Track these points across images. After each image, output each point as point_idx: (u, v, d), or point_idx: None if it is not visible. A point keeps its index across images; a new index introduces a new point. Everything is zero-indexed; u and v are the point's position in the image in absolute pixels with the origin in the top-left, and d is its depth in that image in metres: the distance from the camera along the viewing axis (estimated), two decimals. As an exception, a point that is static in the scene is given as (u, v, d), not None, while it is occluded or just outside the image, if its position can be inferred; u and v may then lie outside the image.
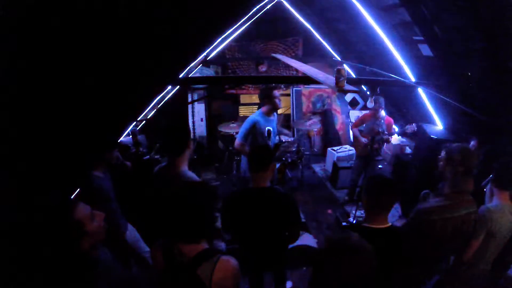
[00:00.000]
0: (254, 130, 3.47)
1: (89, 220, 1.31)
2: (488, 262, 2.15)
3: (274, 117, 3.72)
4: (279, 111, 6.77)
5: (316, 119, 5.29)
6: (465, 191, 2.01)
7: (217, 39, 4.41)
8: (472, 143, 3.24)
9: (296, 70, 4.38)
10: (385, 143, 4.62)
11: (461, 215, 1.96)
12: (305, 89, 6.80)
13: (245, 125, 3.51)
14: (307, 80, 3.32)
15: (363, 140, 4.46)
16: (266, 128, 3.72)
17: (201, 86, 6.19)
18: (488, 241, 2.07)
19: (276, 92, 3.58)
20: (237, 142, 3.52)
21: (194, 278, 1.28)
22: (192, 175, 2.16)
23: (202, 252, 1.39)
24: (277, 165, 3.76)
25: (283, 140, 5.13)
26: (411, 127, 4.16)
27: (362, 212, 3.84)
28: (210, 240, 1.49)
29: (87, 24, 1.32)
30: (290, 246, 3.18)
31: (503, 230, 2.06)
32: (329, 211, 4.70)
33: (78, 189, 1.87)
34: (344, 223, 4.17)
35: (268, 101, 3.55)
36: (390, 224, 1.79)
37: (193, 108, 6.35)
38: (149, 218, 2.42)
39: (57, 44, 1.26)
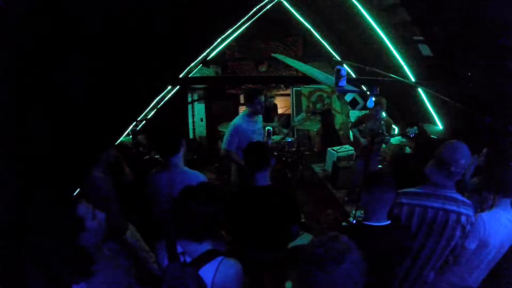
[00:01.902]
0: (236, 135, 3.35)
1: (90, 218, 1.32)
2: (482, 269, 2.07)
3: (257, 119, 3.58)
4: (279, 111, 6.80)
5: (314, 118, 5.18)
6: (439, 184, 1.95)
7: (217, 39, 4.41)
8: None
9: (296, 70, 4.38)
10: (384, 144, 4.62)
11: (436, 208, 1.92)
12: (305, 89, 6.80)
13: (228, 131, 3.40)
14: (307, 80, 3.32)
15: (363, 140, 4.46)
16: (267, 128, 3.71)
17: (201, 86, 6.20)
18: (481, 249, 1.97)
19: (261, 97, 3.42)
20: (222, 149, 3.40)
21: (195, 278, 1.29)
22: (191, 171, 2.16)
23: (205, 253, 1.39)
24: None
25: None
26: (413, 131, 4.16)
27: (362, 212, 3.84)
28: (213, 241, 1.49)
29: (88, 25, 1.32)
30: (290, 246, 3.18)
31: (497, 239, 1.95)
32: (329, 211, 4.70)
33: (78, 189, 1.87)
34: (344, 223, 4.17)
35: (249, 104, 3.43)
36: (390, 221, 1.80)
37: (193, 108, 6.35)
38: (150, 218, 2.43)
39: (58, 44, 1.26)
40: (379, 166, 4.86)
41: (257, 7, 4.71)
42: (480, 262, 2.03)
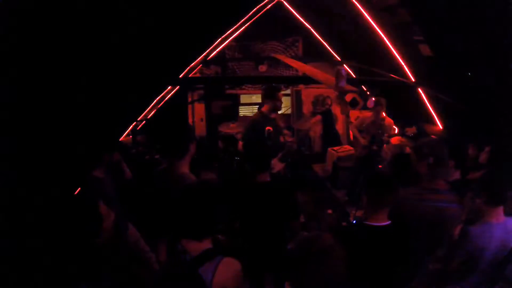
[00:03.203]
0: (255, 131, 3.48)
1: (106, 217, 1.34)
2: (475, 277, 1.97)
3: (275, 116, 3.73)
4: (279, 111, 6.79)
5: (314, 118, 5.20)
6: (439, 182, 1.95)
7: (217, 39, 4.41)
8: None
9: (296, 70, 4.38)
10: (384, 144, 4.62)
11: (436, 208, 1.91)
12: (305, 89, 6.79)
13: (247, 126, 3.58)
14: (307, 80, 3.33)
15: (363, 140, 4.45)
16: (266, 128, 3.73)
17: (201, 86, 6.19)
18: (476, 262, 1.86)
19: (280, 94, 3.60)
20: (239, 143, 3.59)
21: (195, 277, 1.29)
22: (193, 177, 2.15)
23: (205, 252, 1.39)
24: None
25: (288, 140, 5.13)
26: (412, 130, 4.16)
27: (362, 212, 3.84)
28: (213, 239, 1.50)
29: (87, 25, 1.32)
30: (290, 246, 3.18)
31: (491, 250, 1.82)
32: (329, 211, 4.70)
33: (79, 189, 1.87)
34: (344, 223, 4.16)
35: (270, 101, 3.56)
36: (390, 221, 1.79)
37: (193, 108, 6.35)
38: (150, 217, 2.42)
39: (58, 44, 1.26)
40: (379, 166, 4.86)
41: (257, 7, 4.71)
42: (469, 273, 1.93)
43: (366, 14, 4.25)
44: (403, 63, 4.32)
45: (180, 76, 3.75)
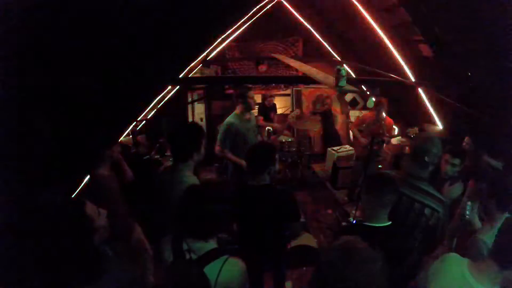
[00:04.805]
0: (230, 134, 3.41)
1: (96, 217, 1.34)
2: None
3: (250, 116, 3.65)
4: (279, 111, 6.79)
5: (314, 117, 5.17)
6: (414, 175, 2.03)
7: (217, 39, 4.41)
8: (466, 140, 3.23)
9: (296, 70, 4.39)
10: (384, 144, 4.62)
11: (415, 200, 1.97)
12: (305, 89, 6.80)
13: (221, 129, 3.46)
14: (307, 80, 3.33)
15: (363, 140, 4.45)
16: (267, 128, 3.72)
17: (201, 86, 6.19)
18: None
19: (251, 93, 3.55)
20: (216, 148, 3.47)
21: (200, 276, 1.29)
22: (194, 180, 2.15)
23: (211, 251, 1.40)
24: None
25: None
26: (413, 131, 4.15)
27: (362, 212, 3.83)
28: (218, 239, 1.51)
29: (87, 24, 1.32)
30: (290, 246, 3.19)
31: None
32: (329, 211, 4.70)
33: (82, 188, 1.87)
34: (344, 223, 4.17)
35: (241, 101, 3.51)
36: (390, 222, 1.80)
37: (193, 108, 6.35)
38: (153, 217, 2.42)
39: (58, 43, 1.26)
40: (379, 166, 4.86)
41: (257, 7, 4.71)
42: None
43: (366, 14, 4.25)
44: (403, 63, 4.32)
45: (180, 76, 3.75)
